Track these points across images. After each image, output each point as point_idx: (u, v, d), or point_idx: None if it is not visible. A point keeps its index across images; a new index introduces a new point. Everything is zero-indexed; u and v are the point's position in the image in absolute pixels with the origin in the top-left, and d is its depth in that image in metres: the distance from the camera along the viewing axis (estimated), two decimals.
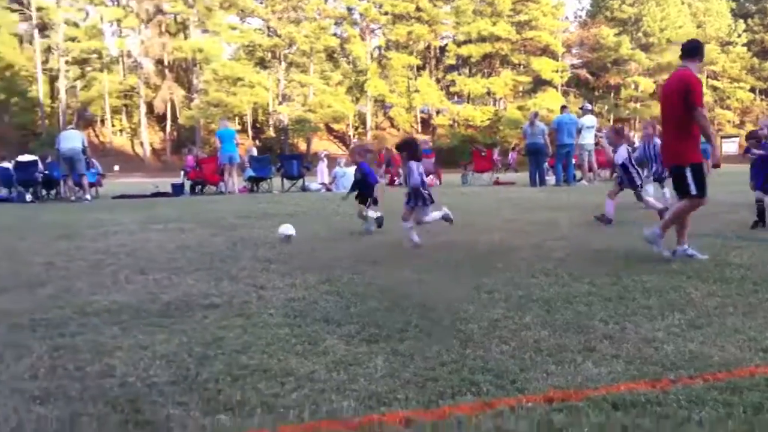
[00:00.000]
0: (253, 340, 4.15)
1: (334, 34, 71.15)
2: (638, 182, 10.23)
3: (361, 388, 3.26)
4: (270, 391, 3.26)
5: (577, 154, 21.82)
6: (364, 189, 9.94)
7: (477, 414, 2.90)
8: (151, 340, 4.19)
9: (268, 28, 68.92)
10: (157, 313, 4.95)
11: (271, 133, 67.45)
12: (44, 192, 19.18)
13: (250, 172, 23.05)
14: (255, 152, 26.17)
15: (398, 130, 71.24)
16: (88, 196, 18.44)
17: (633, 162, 10.36)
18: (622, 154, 10.27)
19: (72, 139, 18.51)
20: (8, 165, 19.65)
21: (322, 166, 25.18)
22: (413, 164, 8.43)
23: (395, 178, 26.37)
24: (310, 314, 4.81)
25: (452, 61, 74.24)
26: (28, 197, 18.00)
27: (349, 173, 23.52)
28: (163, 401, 3.16)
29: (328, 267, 6.84)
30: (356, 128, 71.77)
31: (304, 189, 22.90)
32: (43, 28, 60.83)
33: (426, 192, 8.46)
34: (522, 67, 72.57)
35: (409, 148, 8.76)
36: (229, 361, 3.75)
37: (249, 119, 68.10)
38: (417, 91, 70.08)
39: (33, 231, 10.64)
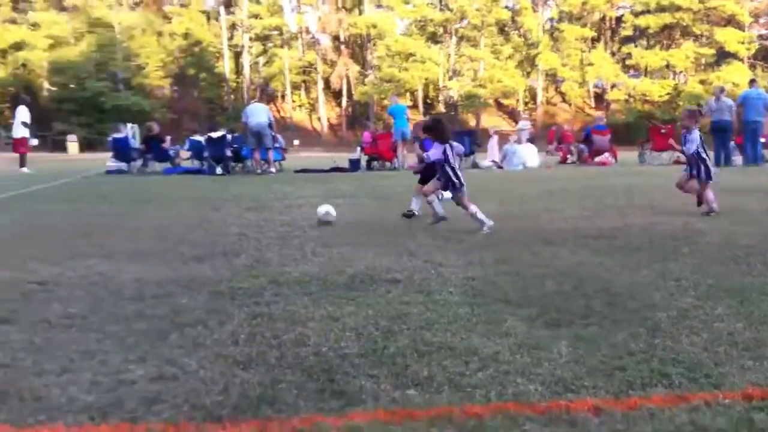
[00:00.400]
0: (435, 317, 4.24)
1: (506, 7, 70.02)
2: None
3: (546, 373, 3.26)
4: (455, 369, 3.32)
5: (767, 133, 20.38)
6: (426, 169, 9.05)
7: (669, 407, 2.83)
8: (340, 312, 4.38)
9: (440, 2, 68.94)
10: (343, 286, 5.17)
11: (441, 108, 67.67)
12: (232, 165, 20.31)
13: None
14: None
15: (570, 105, 69.42)
16: (272, 170, 19.35)
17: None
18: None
19: (259, 114, 19.43)
20: (200, 138, 20.98)
21: (493, 143, 24.98)
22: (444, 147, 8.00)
23: (567, 156, 25.82)
24: (489, 294, 4.84)
25: (629, 33, 71.15)
26: (218, 170, 19.17)
27: (519, 150, 23.25)
28: (355, 372, 3.30)
29: (504, 246, 6.85)
30: (526, 103, 70.57)
31: (474, 166, 22.89)
32: (229, 5, 64.21)
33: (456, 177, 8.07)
34: (704, 38, 68.32)
35: (435, 130, 8.28)
36: (414, 336, 3.86)
37: (420, 95, 68.62)
38: (591, 64, 67.81)
39: (225, 202, 11.36)
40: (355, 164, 22.41)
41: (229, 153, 19.83)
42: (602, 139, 24.97)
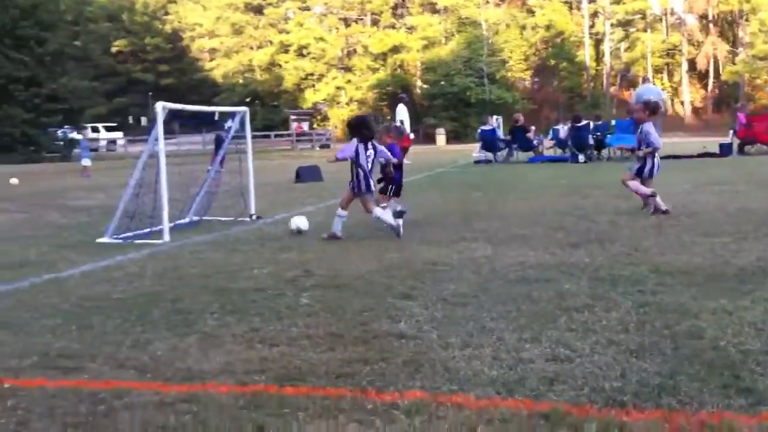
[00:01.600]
0: None
1: None
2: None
3: None
4: None
5: None
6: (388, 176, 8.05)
7: None
8: (733, 306, 4.13)
9: None
10: (732, 278, 4.86)
11: None
12: (595, 153, 20.01)
13: None
14: None
15: None
16: None
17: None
18: None
19: (650, 96, 18.64)
20: (561, 127, 21.04)
21: None
22: (357, 145, 7.41)
23: None
24: None
25: None
26: (581, 158, 19.03)
27: None
28: (762, 370, 3.10)
29: None
30: None
31: None
32: None
33: (369, 179, 7.42)
34: None
35: (356, 129, 7.64)
36: None
37: None
38: None
39: (592, 190, 11.25)
40: (726, 149, 20.73)
41: (591, 141, 19.58)
42: None
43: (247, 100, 57.36)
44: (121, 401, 2.99)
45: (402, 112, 22.94)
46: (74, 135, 40.96)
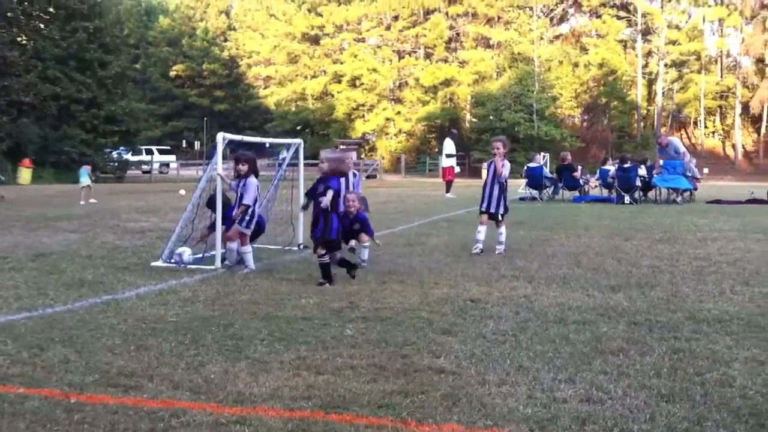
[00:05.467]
0: None
1: None
2: None
3: None
4: None
5: None
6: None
7: None
8: (766, 356, 4.24)
9: None
10: None
11: None
12: (641, 194, 19.93)
13: None
14: None
15: None
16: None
17: None
18: None
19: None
20: (610, 167, 20.99)
21: None
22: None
23: None
24: None
25: None
26: (627, 199, 18.97)
27: None
28: None
29: None
30: None
31: None
32: (646, 32, 62.92)
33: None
34: None
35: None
36: None
37: None
38: None
39: (636, 233, 11.30)
40: None
41: (638, 183, 19.51)
42: None
43: (299, 128, 58.26)
44: (179, 420, 3.23)
45: (449, 146, 23.29)
46: (129, 156, 42.08)
